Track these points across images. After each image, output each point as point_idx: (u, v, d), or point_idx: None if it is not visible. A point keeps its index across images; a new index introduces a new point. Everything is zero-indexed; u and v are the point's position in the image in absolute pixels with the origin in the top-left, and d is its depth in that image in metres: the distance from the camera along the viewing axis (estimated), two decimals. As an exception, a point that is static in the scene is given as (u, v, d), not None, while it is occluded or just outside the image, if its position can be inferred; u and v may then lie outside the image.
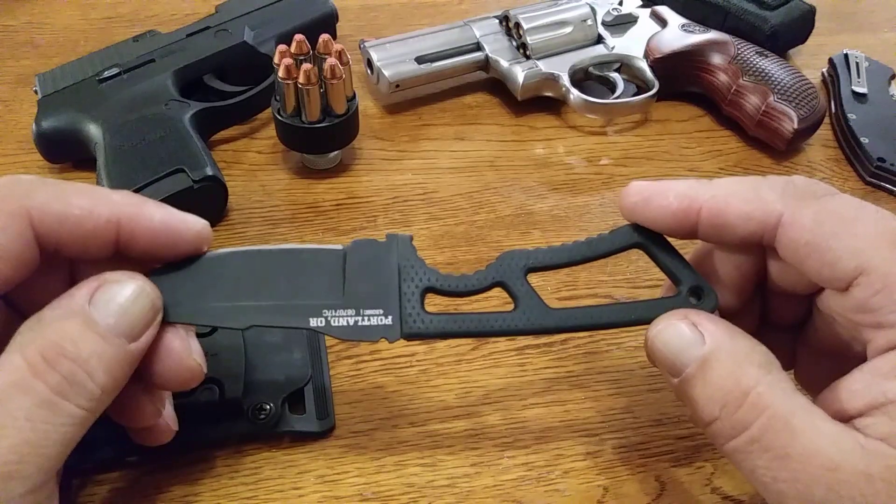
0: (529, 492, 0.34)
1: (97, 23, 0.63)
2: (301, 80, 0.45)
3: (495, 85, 0.57)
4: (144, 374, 0.27)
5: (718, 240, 0.29)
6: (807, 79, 0.53)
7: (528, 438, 0.36)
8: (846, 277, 0.25)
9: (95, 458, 0.33)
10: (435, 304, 0.31)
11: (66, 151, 0.49)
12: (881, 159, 0.51)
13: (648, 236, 0.30)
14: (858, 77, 0.58)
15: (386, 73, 0.53)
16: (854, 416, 0.25)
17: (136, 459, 0.34)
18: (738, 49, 0.55)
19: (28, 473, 0.23)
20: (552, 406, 0.37)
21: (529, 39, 0.55)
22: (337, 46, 0.46)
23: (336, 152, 0.50)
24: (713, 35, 0.56)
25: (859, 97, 0.56)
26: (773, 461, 0.24)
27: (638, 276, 0.44)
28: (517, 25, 0.55)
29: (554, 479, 0.34)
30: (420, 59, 0.54)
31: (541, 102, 0.56)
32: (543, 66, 0.54)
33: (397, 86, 0.54)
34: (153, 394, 0.29)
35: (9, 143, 0.51)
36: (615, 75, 0.56)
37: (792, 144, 0.52)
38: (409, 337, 0.29)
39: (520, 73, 0.54)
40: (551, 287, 0.43)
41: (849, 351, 0.28)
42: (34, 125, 0.48)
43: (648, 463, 0.35)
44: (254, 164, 0.51)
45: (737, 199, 0.28)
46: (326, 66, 0.45)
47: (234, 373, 0.35)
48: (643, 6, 0.60)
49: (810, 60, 0.62)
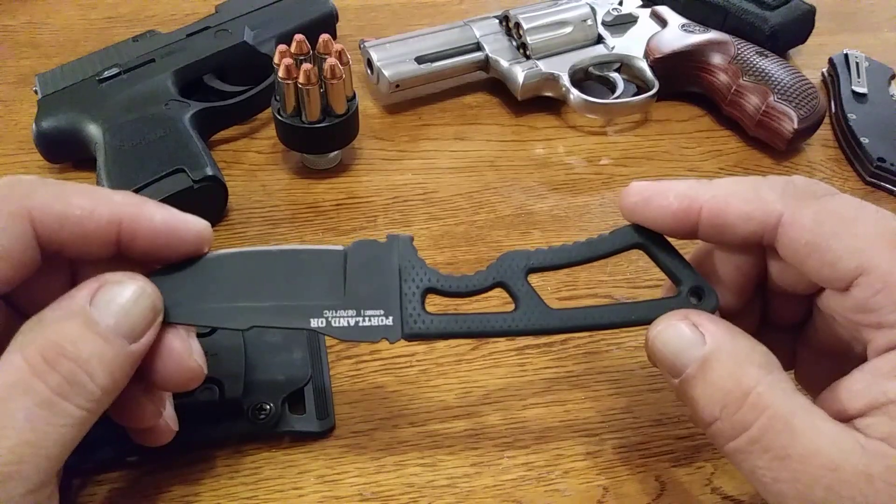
0: (529, 492, 0.34)
1: (97, 23, 0.63)
2: (301, 80, 0.45)
3: (495, 85, 0.57)
4: (145, 374, 0.27)
5: (719, 240, 0.29)
6: (807, 79, 0.53)
7: (528, 438, 0.36)
8: (846, 277, 0.25)
9: (96, 458, 0.33)
10: (435, 304, 0.31)
11: (66, 151, 0.49)
12: (881, 159, 0.51)
13: (649, 237, 0.30)
14: (858, 77, 0.58)
15: (386, 73, 0.53)
16: (854, 417, 0.25)
17: (136, 459, 0.34)
18: (738, 49, 0.55)
19: (28, 474, 0.23)
20: (552, 406, 0.37)
21: (529, 39, 0.55)
22: (337, 46, 0.46)
23: (336, 152, 0.50)
24: (713, 35, 0.56)
25: (859, 97, 0.56)
26: (774, 461, 0.24)
27: (638, 276, 0.44)
28: (517, 25, 0.55)
29: (554, 479, 0.34)
30: (420, 59, 0.54)
31: (541, 102, 0.56)
32: (543, 66, 0.54)
33: (397, 86, 0.54)
34: (153, 394, 0.29)
35: (9, 143, 0.51)
36: (615, 75, 0.56)
37: (792, 144, 0.52)
38: (410, 337, 0.29)
39: (520, 73, 0.54)
40: (551, 287, 0.43)
41: (849, 351, 0.28)
42: (34, 125, 0.48)
43: (648, 463, 0.35)
44: (254, 164, 0.51)
45: (737, 199, 0.28)
46: (326, 66, 0.45)
47: (234, 373, 0.35)
48: (643, 6, 0.60)
49: (810, 60, 0.62)
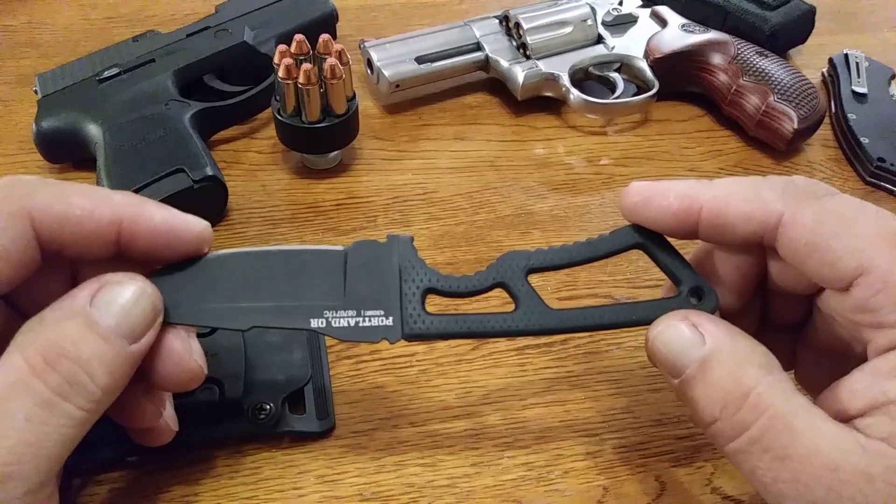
0: (529, 492, 0.34)
1: (97, 23, 0.63)
2: (301, 80, 0.45)
3: (495, 85, 0.57)
4: (145, 375, 0.27)
5: (719, 240, 0.29)
6: (807, 79, 0.53)
7: (528, 438, 0.36)
8: (846, 277, 0.25)
9: (96, 458, 0.33)
10: (435, 304, 0.31)
11: (66, 151, 0.49)
12: (881, 159, 0.51)
13: (649, 237, 0.30)
14: (858, 77, 0.58)
15: (386, 73, 0.53)
16: (855, 417, 0.25)
17: (136, 459, 0.34)
18: (738, 49, 0.55)
19: (28, 474, 0.23)
20: (552, 406, 0.37)
21: (529, 39, 0.55)
22: (337, 46, 0.46)
23: (336, 152, 0.50)
24: (713, 35, 0.56)
25: (859, 97, 0.56)
26: (774, 462, 0.24)
27: (638, 276, 0.44)
28: (517, 25, 0.55)
29: (554, 479, 0.34)
30: (420, 59, 0.54)
31: (541, 102, 0.56)
32: (543, 66, 0.54)
33: (397, 86, 0.54)
34: (154, 395, 0.29)
35: (9, 143, 0.51)
36: (615, 75, 0.56)
37: (792, 144, 0.52)
38: (410, 338, 0.29)
39: (520, 73, 0.54)
40: (551, 287, 0.43)
41: (849, 351, 0.28)
42: (34, 125, 0.48)
43: (648, 463, 0.35)
44: (254, 164, 0.51)
45: (737, 199, 0.28)
46: (326, 66, 0.45)
47: (234, 373, 0.35)
48: (643, 6, 0.60)
49: (810, 60, 0.62)
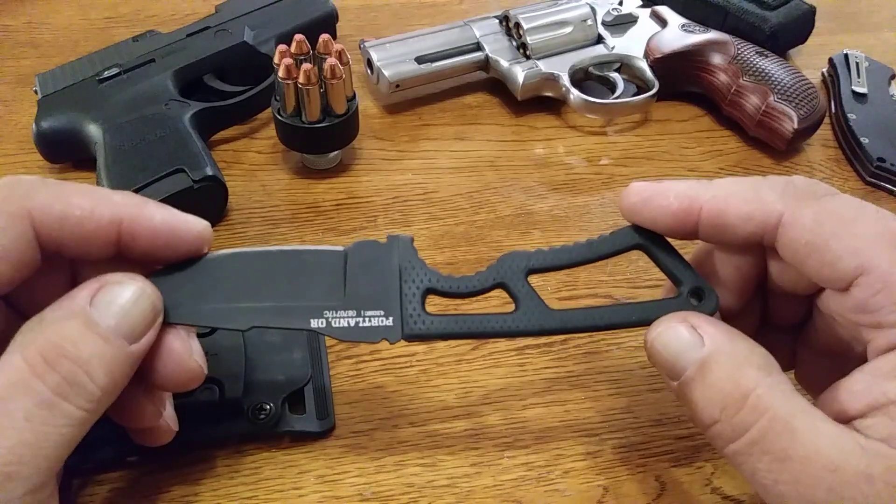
0: (529, 492, 0.34)
1: (97, 23, 0.63)
2: (301, 80, 0.45)
3: (495, 85, 0.57)
4: (145, 375, 0.27)
5: (719, 240, 0.29)
6: (807, 79, 0.53)
7: (528, 438, 0.36)
8: (846, 277, 0.25)
9: (96, 458, 0.33)
10: (435, 304, 0.31)
11: (66, 151, 0.49)
12: (881, 159, 0.51)
13: (649, 237, 0.30)
14: (858, 77, 0.58)
15: (386, 73, 0.53)
16: (855, 417, 0.25)
17: (136, 459, 0.34)
18: (738, 49, 0.55)
19: (27, 474, 0.23)
20: (552, 406, 0.37)
21: (529, 39, 0.55)
22: (337, 46, 0.46)
23: (336, 152, 0.50)
24: (713, 35, 0.56)
25: (859, 97, 0.56)
26: (774, 463, 0.24)
27: (638, 276, 0.44)
28: (517, 25, 0.55)
29: (554, 479, 0.34)
30: (420, 59, 0.54)
31: (541, 102, 0.56)
32: (543, 66, 0.54)
33: (397, 86, 0.54)
34: (154, 395, 0.29)
35: (9, 143, 0.51)
36: (615, 75, 0.56)
37: (792, 144, 0.52)
38: (410, 338, 0.29)
39: (520, 73, 0.54)
40: (551, 287, 0.43)
41: (849, 351, 0.28)
42: (34, 125, 0.47)
43: (648, 463, 0.35)
44: (254, 164, 0.51)
45: (737, 199, 0.28)
46: (326, 66, 0.45)
47: (234, 373, 0.35)
48: (643, 6, 0.60)
49: (810, 60, 0.62)
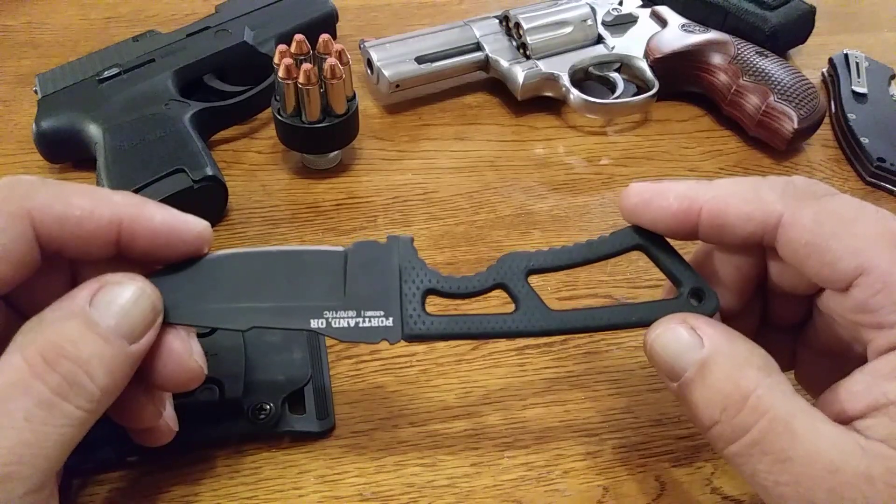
0: (529, 492, 0.34)
1: (97, 23, 0.63)
2: (301, 80, 0.45)
3: (495, 85, 0.57)
4: (145, 375, 0.27)
5: (719, 240, 0.29)
6: (807, 79, 0.53)
7: (528, 438, 0.36)
8: (846, 278, 0.25)
9: (96, 458, 0.33)
10: (434, 304, 0.31)
11: (66, 151, 0.49)
12: (881, 159, 0.51)
13: (649, 238, 0.30)
14: (858, 77, 0.58)
15: (386, 73, 0.53)
16: (855, 418, 0.25)
17: (136, 459, 0.34)
18: (738, 49, 0.55)
19: (27, 474, 0.23)
20: (552, 406, 0.37)
21: (529, 39, 0.55)
22: (337, 46, 0.46)
23: (336, 152, 0.50)
24: (713, 35, 0.56)
25: (859, 97, 0.56)
26: (774, 464, 0.24)
27: (638, 276, 0.44)
28: (517, 25, 0.55)
29: (554, 479, 0.34)
30: (420, 59, 0.54)
31: (541, 102, 0.56)
32: (543, 66, 0.54)
33: (397, 86, 0.54)
34: (154, 395, 0.29)
35: (9, 143, 0.51)
36: (615, 75, 0.56)
37: (792, 144, 0.52)
38: (410, 338, 0.29)
39: (520, 73, 0.54)
40: (551, 287, 0.43)
41: (849, 351, 0.28)
42: (34, 125, 0.47)
43: (648, 463, 0.35)
44: (254, 164, 0.51)
45: (737, 199, 0.28)
46: (326, 66, 0.45)
47: (234, 373, 0.35)
48: (643, 6, 0.60)
49: (810, 60, 0.62)
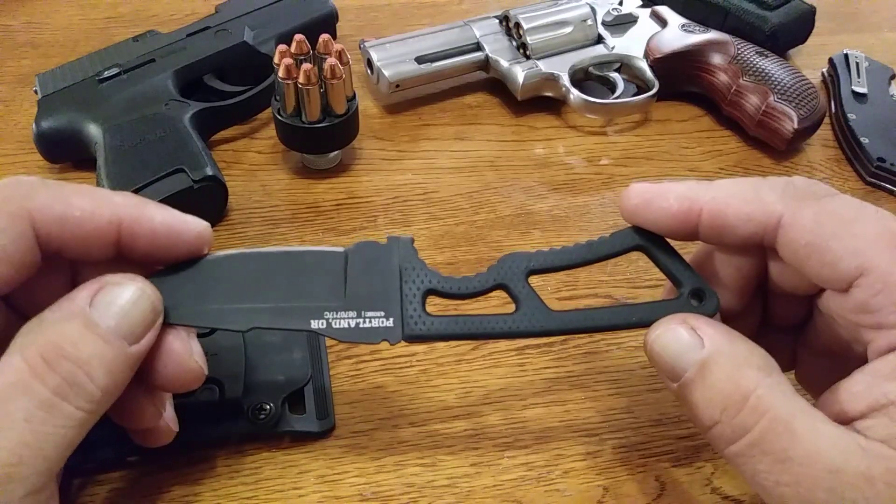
0: (529, 492, 0.34)
1: (97, 23, 0.63)
2: (301, 80, 0.45)
3: (495, 85, 0.57)
4: (145, 375, 0.27)
5: (719, 241, 0.29)
6: (807, 79, 0.53)
7: (528, 438, 0.36)
8: (846, 278, 0.25)
9: (96, 458, 0.33)
10: (435, 304, 0.31)
11: (66, 151, 0.49)
12: (881, 159, 0.51)
13: (649, 239, 0.30)
14: (858, 77, 0.58)
15: (386, 73, 0.53)
16: (855, 418, 0.25)
17: (136, 459, 0.34)
18: (738, 49, 0.55)
19: (27, 475, 0.23)
20: (552, 406, 0.37)
21: (529, 39, 0.55)
22: (337, 46, 0.46)
23: (336, 152, 0.50)
24: (713, 35, 0.56)
25: (859, 97, 0.56)
26: (775, 465, 0.24)
27: (638, 276, 0.44)
28: (517, 25, 0.55)
29: (554, 479, 0.34)
30: (420, 59, 0.54)
31: (541, 102, 0.56)
32: (543, 66, 0.54)
33: (397, 86, 0.54)
34: (154, 395, 0.29)
35: (9, 143, 0.51)
36: (615, 75, 0.56)
37: (792, 144, 0.52)
38: (411, 339, 0.29)
39: (520, 73, 0.54)
40: (551, 287, 0.43)
41: (849, 352, 0.28)
42: (34, 125, 0.47)
43: (648, 463, 0.35)
44: (254, 164, 0.51)
45: (737, 200, 0.28)
46: (326, 66, 0.45)
47: (234, 373, 0.35)
48: (643, 6, 0.60)
49: (810, 60, 0.62)
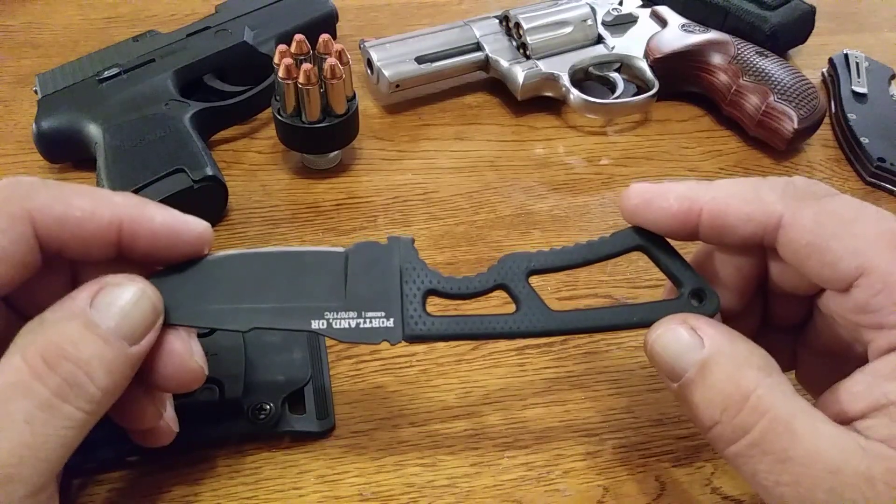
0: (529, 492, 0.34)
1: (97, 23, 0.63)
2: (301, 80, 0.45)
3: (495, 85, 0.57)
4: (146, 376, 0.27)
5: (719, 241, 0.29)
6: (807, 79, 0.53)
7: (528, 438, 0.36)
8: (847, 278, 0.25)
9: (96, 458, 0.33)
10: (435, 304, 0.30)
11: (66, 151, 0.49)
12: (881, 159, 0.51)
13: (650, 239, 0.30)
14: (858, 77, 0.58)
15: (386, 73, 0.53)
16: (855, 418, 0.25)
17: (136, 459, 0.34)
18: (738, 49, 0.55)
19: (28, 476, 0.23)
20: (552, 406, 0.37)
21: (529, 39, 0.55)
22: (337, 46, 0.46)
23: (336, 152, 0.50)
24: (713, 35, 0.56)
25: (859, 97, 0.56)
26: (775, 465, 0.24)
27: (638, 276, 0.44)
28: (517, 25, 0.55)
29: (554, 479, 0.34)
30: (420, 59, 0.54)
31: (541, 102, 0.56)
32: (543, 66, 0.54)
33: (397, 86, 0.54)
34: (154, 395, 0.29)
35: (9, 143, 0.51)
36: (615, 75, 0.56)
37: (792, 144, 0.52)
38: (411, 339, 0.29)
39: (520, 73, 0.54)
40: (551, 287, 0.43)
41: (850, 352, 0.28)
42: (34, 125, 0.47)
43: (648, 463, 0.35)
44: (254, 164, 0.51)
45: (737, 200, 0.28)
46: (326, 66, 0.45)
47: (234, 373, 0.35)
48: (643, 6, 0.60)
49: (810, 60, 0.62)
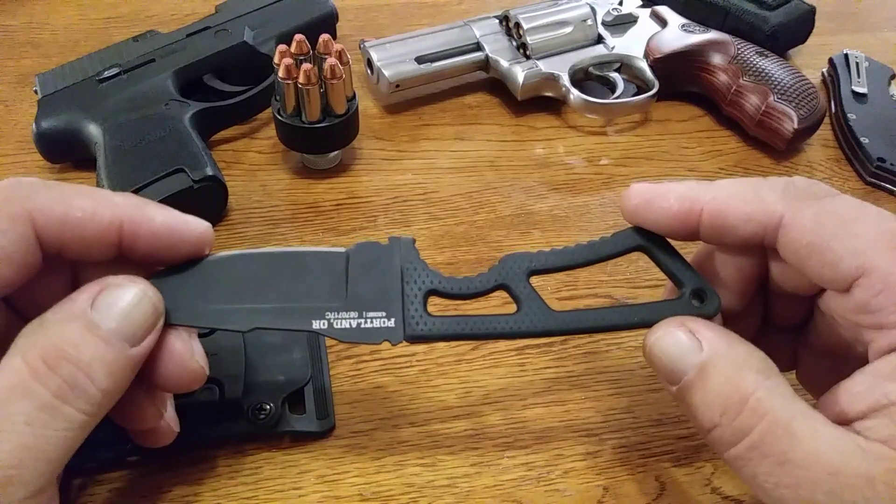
0: (529, 492, 0.34)
1: (97, 23, 0.63)
2: (301, 80, 0.45)
3: (495, 85, 0.57)
4: (146, 376, 0.27)
5: (720, 241, 0.29)
6: (807, 79, 0.53)
7: (528, 438, 0.36)
8: (847, 278, 0.25)
9: (96, 458, 0.33)
10: (435, 304, 0.31)
11: (66, 151, 0.49)
12: (881, 159, 0.51)
13: (650, 239, 0.30)
14: (858, 77, 0.58)
15: (386, 73, 0.53)
16: (855, 419, 0.25)
17: (136, 459, 0.34)
18: (738, 49, 0.55)
19: (28, 478, 0.23)
20: (552, 406, 0.37)
21: (529, 39, 0.55)
22: (337, 46, 0.46)
23: (336, 152, 0.50)
24: (713, 35, 0.56)
25: (859, 97, 0.56)
26: (775, 467, 0.24)
27: (638, 276, 0.44)
28: (517, 25, 0.55)
29: (554, 479, 0.34)
30: (420, 59, 0.54)
31: (541, 102, 0.56)
32: (543, 66, 0.54)
33: (397, 86, 0.54)
34: (155, 396, 0.29)
35: (9, 143, 0.51)
36: (615, 75, 0.56)
37: (792, 144, 0.52)
38: (412, 339, 0.29)
39: (520, 73, 0.54)
40: (551, 287, 0.43)
41: (850, 352, 0.28)
42: (34, 125, 0.47)
43: (648, 463, 0.35)
44: (254, 164, 0.51)
45: (737, 200, 0.28)
46: (326, 66, 0.45)
47: (234, 373, 0.35)
48: (643, 6, 0.60)
49: (810, 60, 0.62)
